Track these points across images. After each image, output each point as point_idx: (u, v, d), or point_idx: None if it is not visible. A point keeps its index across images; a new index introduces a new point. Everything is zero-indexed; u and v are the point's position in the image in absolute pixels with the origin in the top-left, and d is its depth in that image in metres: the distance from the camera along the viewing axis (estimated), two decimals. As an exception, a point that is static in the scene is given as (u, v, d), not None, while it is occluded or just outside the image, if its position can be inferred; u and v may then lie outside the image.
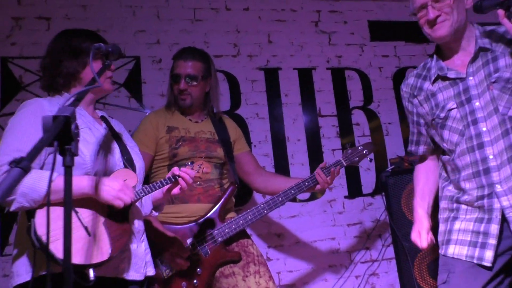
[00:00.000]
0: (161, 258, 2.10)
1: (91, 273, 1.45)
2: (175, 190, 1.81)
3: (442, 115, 1.74)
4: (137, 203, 1.73)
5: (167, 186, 1.79)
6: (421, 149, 1.96)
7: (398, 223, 2.85)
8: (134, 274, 1.63)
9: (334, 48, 3.51)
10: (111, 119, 1.87)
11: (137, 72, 3.06)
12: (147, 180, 2.30)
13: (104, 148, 1.66)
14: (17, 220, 1.62)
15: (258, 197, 3.06)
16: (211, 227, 2.22)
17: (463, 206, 1.71)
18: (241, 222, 2.25)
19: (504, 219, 1.60)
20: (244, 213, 2.28)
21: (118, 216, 1.59)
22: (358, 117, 3.43)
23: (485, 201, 1.64)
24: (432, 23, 1.69)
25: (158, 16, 3.19)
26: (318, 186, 2.34)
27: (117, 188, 1.52)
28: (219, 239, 2.21)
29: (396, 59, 3.62)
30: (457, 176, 1.73)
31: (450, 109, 1.72)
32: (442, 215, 1.81)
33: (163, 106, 2.47)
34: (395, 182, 2.88)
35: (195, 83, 2.36)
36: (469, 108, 1.68)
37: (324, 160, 2.57)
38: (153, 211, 1.89)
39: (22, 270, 1.49)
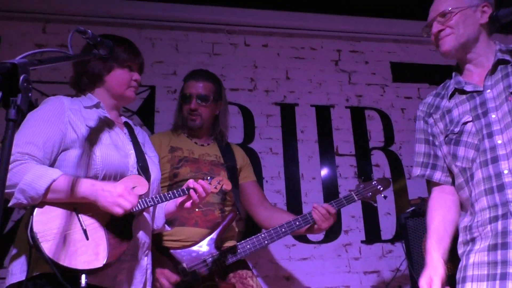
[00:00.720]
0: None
1: (83, 279, 1.37)
2: (188, 204, 1.72)
3: (457, 129, 1.60)
4: (146, 214, 1.66)
5: (180, 199, 1.71)
6: (438, 175, 1.71)
7: (418, 270, 2.60)
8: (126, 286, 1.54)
9: (354, 87, 3.43)
10: (136, 127, 1.84)
11: (151, 101, 3.05)
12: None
13: (119, 152, 1.61)
14: (14, 240, 1.56)
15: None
16: (206, 254, 2.05)
17: (477, 235, 1.52)
18: (238, 251, 2.08)
19: None
20: (242, 242, 2.11)
21: (121, 223, 1.51)
22: (378, 158, 3.26)
23: (499, 222, 1.45)
24: (437, 37, 1.64)
25: (177, 49, 3.22)
26: (315, 225, 2.18)
27: (116, 194, 1.44)
28: (213, 267, 2.03)
29: (420, 101, 3.48)
30: (470, 199, 1.55)
31: (465, 123, 1.58)
32: (459, 251, 1.62)
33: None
34: (416, 225, 2.65)
35: (206, 103, 2.30)
36: (485, 121, 1.54)
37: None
38: (166, 225, 1.83)
39: (17, 269, 1.44)
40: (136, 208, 1.55)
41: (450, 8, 1.61)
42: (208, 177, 1.77)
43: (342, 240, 3.02)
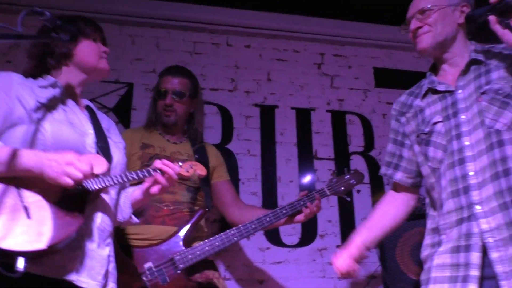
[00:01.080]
0: None
1: (21, 263, 1.20)
2: (154, 189, 1.57)
3: (427, 129, 1.60)
4: (106, 199, 1.53)
5: (146, 184, 1.58)
6: (399, 175, 1.75)
7: (393, 278, 2.58)
8: (87, 280, 1.38)
9: (336, 91, 3.41)
10: (99, 112, 1.74)
11: (129, 98, 3.01)
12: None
13: (74, 130, 1.49)
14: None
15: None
16: (173, 252, 2.01)
17: (443, 237, 1.52)
18: (207, 248, 2.03)
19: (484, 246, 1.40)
20: (211, 238, 2.06)
21: (73, 201, 1.36)
22: (357, 162, 3.24)
23: (464, 225, 1.44)
24: (415, 35, 1.64)
25: (158, 47, 3.19)
26: (298, 217, 2.15)
27: (64, 162, 1.29)
28: (181, 265, 1.97)
29: (401, 107, 3.48)
30: (440, 200, 1.55)
31: (435, 123, 1.59)
32: (424, 253, 1.61)
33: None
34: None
35: (181, 99, 2.29)
36: (455, 122, 1.54)
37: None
38: (132, 216, 1.70)
39: None
40: (93, 186, 1.41)
41: (429, 6, 1.61)
42: (180, 162, 1.64)
43: (318, 244, 3.00)
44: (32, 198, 1.32)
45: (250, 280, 2.83)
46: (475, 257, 1.39)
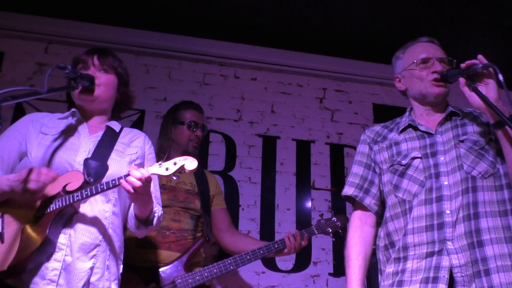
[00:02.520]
0: None
1: None
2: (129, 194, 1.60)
3: (404, 162, 1.70)
4: (95, 214, 1.64)
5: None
6: (368, 200, 1.79)
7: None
8: None
9: (336, 125, 3.59)
10: (127, 129, 1.91)
11: (140, 124, 3.21)
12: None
13: (64, 151, 1.68)
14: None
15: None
16: (175, 275, 2.20)
17: (409, 266, 1.61)
18: (206, 274, 2.23)
19: (452, 280, 1.52)
20: (210, 266, 2.26)
21: (39, 221, 1.54)
22: (352, 194, 3.39)
23: (434, 257, 1.56)
24: (434, 77, 1.73)
25: (170, 76, 3.41)
26: (285, 250, 2.34)
27: (22, 178, 1.49)
28: None
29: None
30: (407, 231, 1.65)
31: (414, 158, 1.70)
32: (386, 281, 1.68)
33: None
34: (376, 262, 2.76)
35: (203, 134, 2.57)
36: (434, 161, 1.67)
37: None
38: (140, 224, 1.75)
39: None
40: (54, 207, 1.55)
41: (449, 58, 1.76)
42: (160, 161, 1.61)
43: (311, 271, 3.14)
44: (10, 223, 1.54)
45: (244, 302, 2.98)
46: None
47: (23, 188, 1.49)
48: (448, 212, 1.58)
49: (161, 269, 2.21)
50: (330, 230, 2.41)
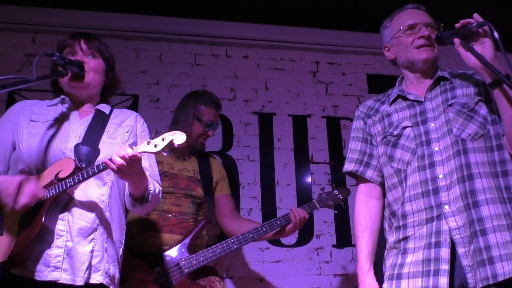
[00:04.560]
0: (126, 285, 2.09)
1: None
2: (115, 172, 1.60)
3: (396, 132, 1.73)
4: (91, 199, 1.65)
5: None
6: (370, 173, 1.83)
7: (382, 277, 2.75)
8: (71, 277, 1.55)
9: (330, 98, 3.57)
10: (117, 110, 1.90)
11: (135, 109, 3.18)
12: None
13: (57, 139, 1.68)
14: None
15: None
16: (179, 257, 2.21)
17: (411, 234, 1.64)
18: (209, 254, 2.24)
19: (453, 242, 1.54)
20: (213, 246, 2.27)
21: (34, 213, 1.56)
22: (351, 166, 3.41)
23: (434, 223, 1.59)
24: (421, 43, 1.73)
25: (160, 59, 3.37)
26: (289, 226, 2.34)
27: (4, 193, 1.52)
28: (186, 270, 2.19)
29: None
30: (404, 199, 1.67)
31: (404, 127, 1.72)
32: (390, 251, 1.72)
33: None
34: (380, 231, 2.80)
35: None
36: (424, 128, 1.69)
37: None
38: (136, 203, 1.75)
39: None
40: (50, 193, 1.57)
41: (436, 22, 1.76)
42: (148, 139, 1.58)
43: (314, 244, 3.17)
44: (7, 216, 1.57)
45: (250, 278, 3.02)
46: (445, 252, 1.53)
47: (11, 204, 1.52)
48: (441, 176, 1.61)
49: (165, 253, 2.22)
50: (332, 203, 2.43)
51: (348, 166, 1.88)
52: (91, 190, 1.68)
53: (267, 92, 3.46)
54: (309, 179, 3.31)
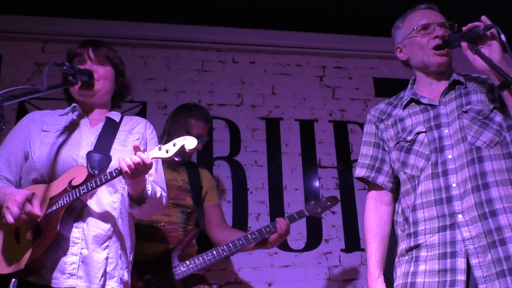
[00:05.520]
0: None
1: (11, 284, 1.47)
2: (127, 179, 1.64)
3: (409, 138, 1.70)
4: (103, 207, 1.67)
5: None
6: (381, 178, 1.79)
7: (392, 283, 2.74)
8: (87, 284, 1.57)
9: (337, 102, 3.58)
10: (127, 117, 1.92)
11: (143, 116, 3.22)
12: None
13: (67, 148, 1.69)
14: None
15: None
16: (169, 265, 2.22)
17: (422, 242, 1.61)
18: (199, 262, 2.25)
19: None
20: (203, 253, 2.28)
21: (49, 219, 1.58)
22: (359, 170, 3.41)
23: (448, 232, 1.56)
24: (437, 43, 1.71)
25: (168, 66, 3.41)
26: (274, 235, 2.36)
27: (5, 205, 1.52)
28: (176, 277, 2.20)
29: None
30: (416, 206, 1.64)
31: (418, 133, 1.69)
32: (402, 257, 1.70)
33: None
34: (390, 235, 2.79)
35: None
36: (438, 134, 1.65)
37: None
38: (134, 204, 1.74)
39: None
40: (64, 200, 1.58)
41: (450, 22, 1.74)
42: (160, 145, 1.59)
43: (323, 248, 3.17)
44: (24, 225, 1.57)
45: (259, 283, 3.02)
46: (461, 262, 1.50)
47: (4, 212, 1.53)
48: (454, 185, 1.57)
49: (153, 260, 2.23)
50: (320, 211, 2.46)
51: (359, 172, 1.83)
52: (104, 197, 1.70)
53: (274, 97, 3.48)
54: (317, 184, 3.32)
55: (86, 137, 1.77)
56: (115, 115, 1.88)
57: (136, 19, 3.36)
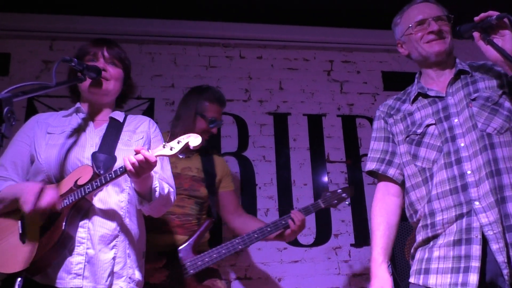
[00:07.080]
0: None
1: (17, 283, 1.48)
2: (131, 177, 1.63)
3: (419, 131, 1.70)
4: (109, 206, 1.67)
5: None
6: (392, 171, 1.79)
7: (402, 275, 2.72)
8: (93, 285, 1.57)
9: (345, 96, 3.56)
10: (131, 116, 1.92)
11: (151, 112, 3.23)
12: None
13: (73, 149, 1.70)
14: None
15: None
16: (184, 258, 2.22)
17: (441, 231, 1.61)
18: (214, 255, 2.25)
19: (484, 239, 1.51)
20: (218, 247, 2.28)
21: (53, 219, 1.58)
22: (368, 164, 3.39)
23: (464, 219, 1.55)
24: (431, 38, 1.72)
25: (175, 63, 3.40)
26: (288, 231, 2.35)
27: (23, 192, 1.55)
28: (191, 271, 2.20)
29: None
30: (431, 197, 1.64)
31: (428, 125, 1.69)
32: (419, 248, 1.69)
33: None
34: (399, 230, 2.76)
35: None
36: (448, 124, 1.66)
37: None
38: (143, 202, 1.73)
39: None
40: (70, 199, 1.59)
41: (446, 14, 1.75)
42: (164, 143, 1.60)
43: (332, 243, 3.16)
44: (30, 225, 1.59)
45: (268, 279, 3.02)
46: (476, 249, 1.50)
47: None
48: (469, 172, 1.57)
49: (169, 253, 2.22)
50: (336, 202, 2.43)
51: (370, 165, 1.85)
52: (110, 197, 1.71)
53: (281, 92, 3.47)
54: (325, 178, 3.30)
55: (91, 138, 1.77)
56: (119, 115, 1.89)
57: (142, 16, 3.36)
